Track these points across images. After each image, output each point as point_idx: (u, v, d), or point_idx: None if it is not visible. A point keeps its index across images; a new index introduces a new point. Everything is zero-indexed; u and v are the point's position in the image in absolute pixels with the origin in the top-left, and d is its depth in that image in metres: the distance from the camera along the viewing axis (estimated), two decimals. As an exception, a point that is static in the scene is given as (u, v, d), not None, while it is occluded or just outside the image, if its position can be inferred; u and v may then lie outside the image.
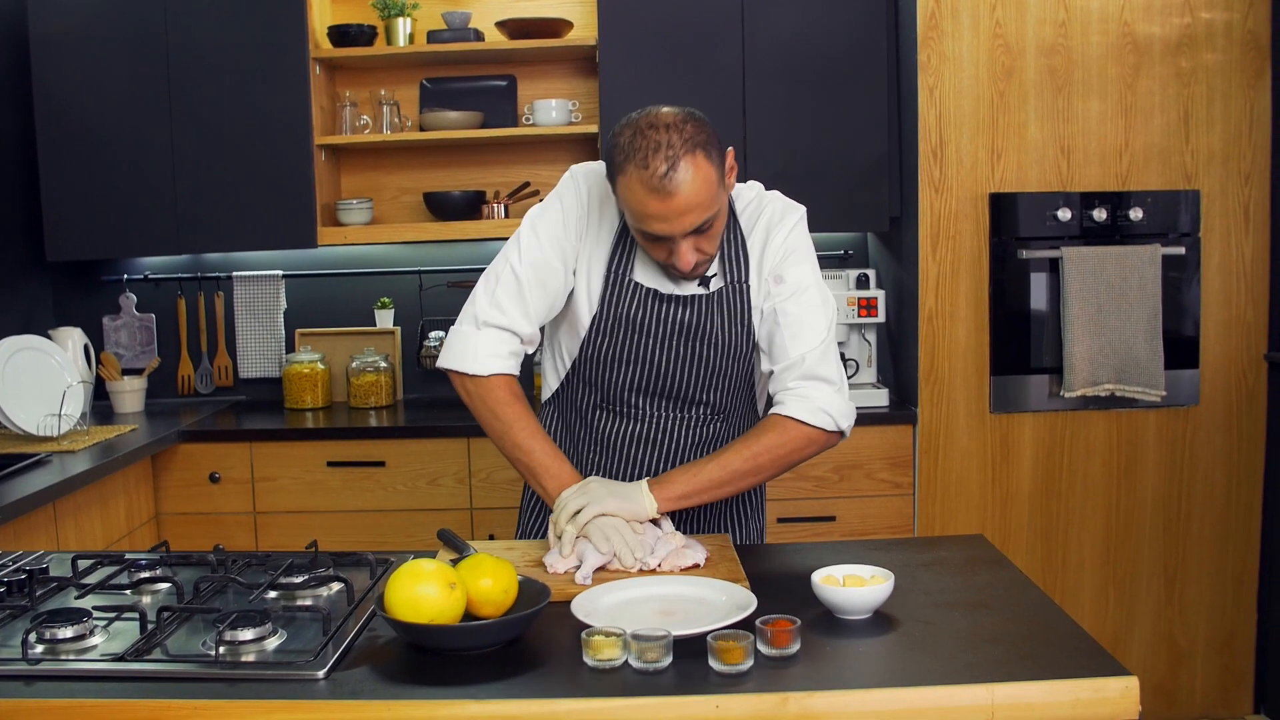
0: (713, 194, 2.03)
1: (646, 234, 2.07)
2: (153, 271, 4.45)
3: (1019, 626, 1.75)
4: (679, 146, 1.98)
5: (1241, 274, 3.76)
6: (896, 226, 4.00)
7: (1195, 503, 3.81)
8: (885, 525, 3.81)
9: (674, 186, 1.97)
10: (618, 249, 2.24)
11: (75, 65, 4.00)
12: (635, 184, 1.99)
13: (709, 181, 2.01)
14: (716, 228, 2.11)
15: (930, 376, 3.76)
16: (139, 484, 3.67)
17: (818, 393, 2.17)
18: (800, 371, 2.18)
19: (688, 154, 1.98)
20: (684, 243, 2.06)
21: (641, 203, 2.00)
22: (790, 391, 2.18)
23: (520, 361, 2.27)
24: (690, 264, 2.09)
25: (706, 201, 2.02)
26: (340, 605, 1.87)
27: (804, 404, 2.16)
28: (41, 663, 1.64)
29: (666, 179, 1.96)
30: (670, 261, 2.11)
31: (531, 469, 2.20)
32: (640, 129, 2.01)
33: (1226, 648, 3.86)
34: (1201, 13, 3.67)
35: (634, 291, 2.23)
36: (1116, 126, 3.71)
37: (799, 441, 2.17)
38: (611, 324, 2.24)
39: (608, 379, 2.30)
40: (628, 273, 2.23)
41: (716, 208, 2.06)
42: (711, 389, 2.30)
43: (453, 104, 4.24)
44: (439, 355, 2.35)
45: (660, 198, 1.98)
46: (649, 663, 1.57)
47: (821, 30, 3.90)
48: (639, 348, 2.25)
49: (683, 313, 2.23)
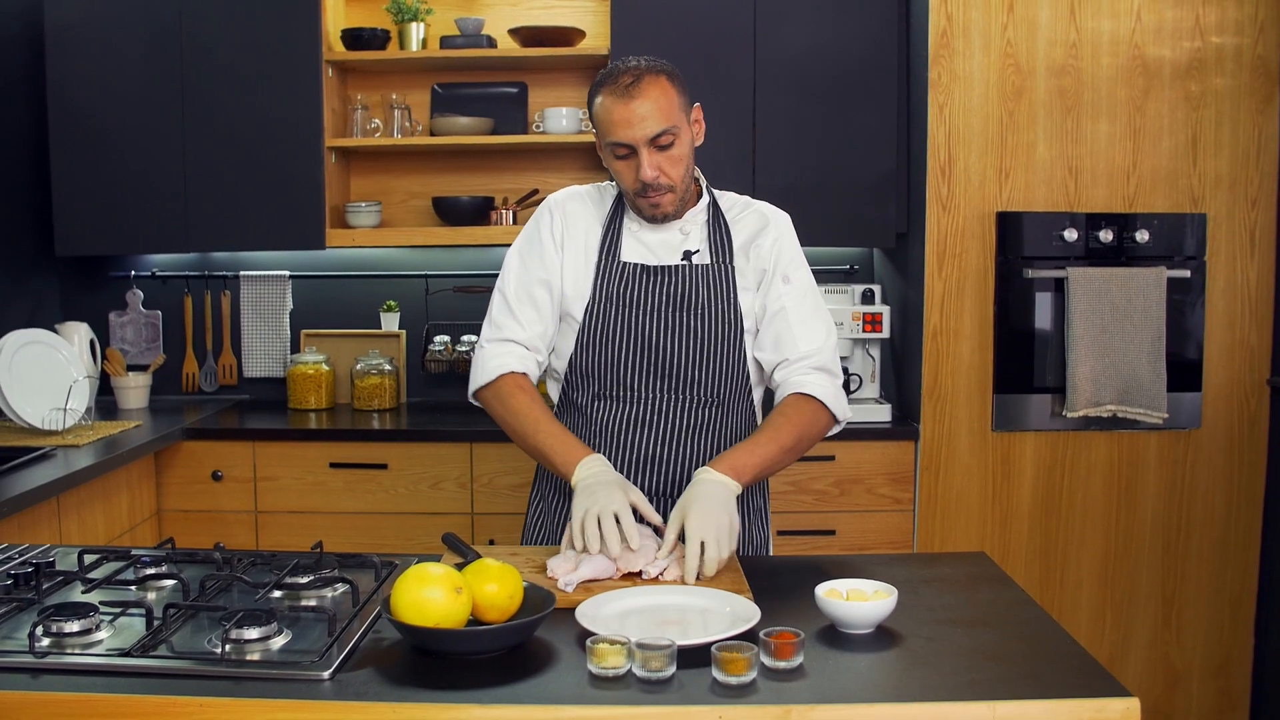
0: (672, 110, 2.26)
1: (615, 146, 2.27)
2: (160, 269, 4.46)
3: (1021, 645, 1.76)
4: (644, 68, 2.27)
5: (1246, 298, 3.77)
6: (903, 243, 4.01)
7: (1195, 526, 3.81)
8: (885, 540, 3.82)
9: (635, 92, 2.23)
10: (607, 237, 2.42)
11: (89, 62, 4.02)
12: (606, 96, 2.26)
13: (669, 97, 2.26)
14: (679, 152, 2.29)
15: (933, 393, 3.77)
16: (142, 480, 3.68)
17: (832, 384, 2.38)
18: (814, 363, 2.37)
19: (650, 73, 2.26)
20: (645, 151, 2.25)
21: (609, 111, 2.25)
22: (808, 379, 2.35)
23: (529, 364, 2.40)
24: (651, 176, 2.27)
25: (665, 112, 2.24)
26: (345, 606, 1.88)
27: (824, 390, 2.35)
28: (48, 656, 1.65)
29: (630, 87, 2.24)
30: (639, 179, 2.28)
31: (541, 451, 2.30)
32: (614, 64, 2.31)
33: (1223, 671, 3.86)
34: (1212, 37, 3.69)
35: (623, 270, 2.39)
36: (1124, 148, 3.72)
37: (822, 423, 2.36)
38: (605, 303, 2.38)
39: (604, 362, 2.39)
40: (617, 256, 2.40)
41: (678, 126, 2.27)
42: (702, 366, 2.39)
43: (464, 110, 4.26)
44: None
45: (624, 103, 2.23)
46: (653, 671, 1.58)
47: (833, 45, 3.92)
48: (631, 321, 2.37)
49: (669, 283, 2.38)
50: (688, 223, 2.41)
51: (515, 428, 2.34)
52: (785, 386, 2.37)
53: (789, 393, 2.35)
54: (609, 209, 2.45)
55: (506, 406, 2.35)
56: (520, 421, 2.32)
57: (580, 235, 2.43)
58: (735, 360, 2.40)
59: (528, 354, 2.40)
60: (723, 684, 1.57)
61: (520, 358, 2.39)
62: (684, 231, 2.41)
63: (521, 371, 2.38)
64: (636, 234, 2.41)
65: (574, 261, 2.42)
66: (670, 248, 2.41)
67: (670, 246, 2.41)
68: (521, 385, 2.36)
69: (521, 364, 2.38)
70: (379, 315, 4.43)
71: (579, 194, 2.49)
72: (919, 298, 3.81)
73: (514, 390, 2.35)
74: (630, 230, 2.42)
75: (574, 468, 2.22)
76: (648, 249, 2.41)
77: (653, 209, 2.33)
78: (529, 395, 2.35)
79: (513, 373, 2.37)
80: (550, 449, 2.28)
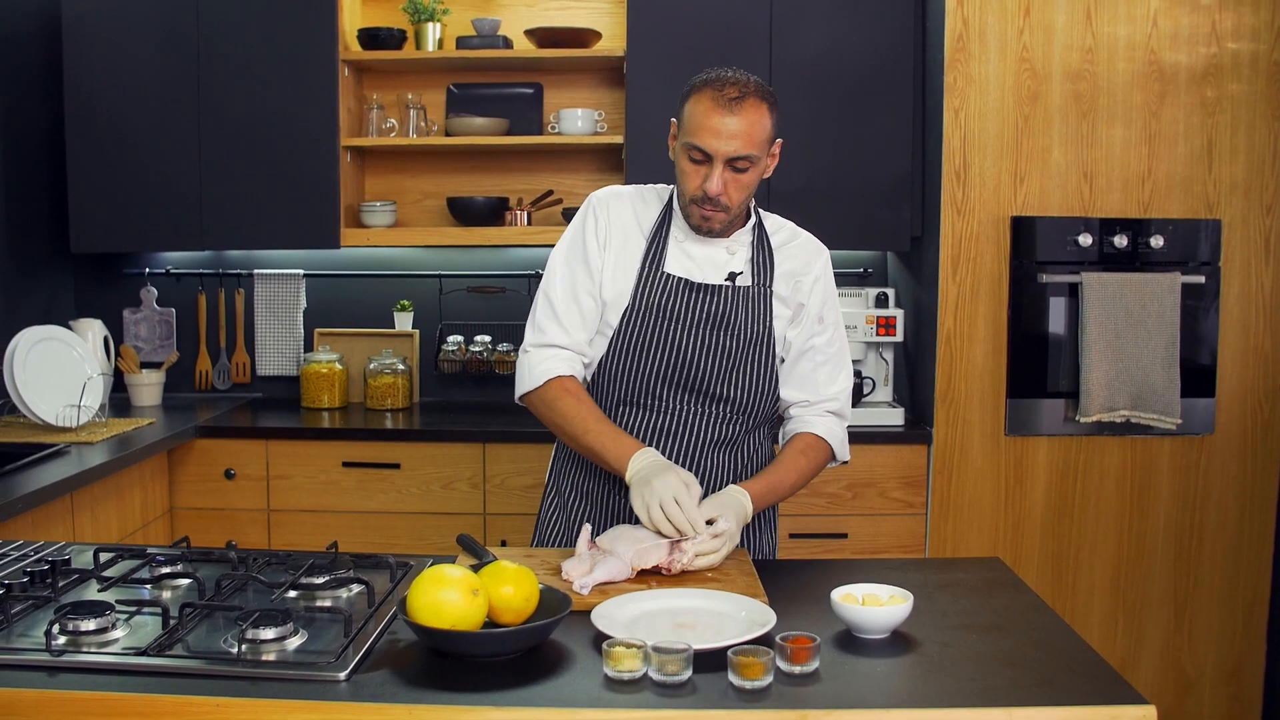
0: (763, 140, 2.24)
1: (694, 150, 2.24)
2: (174, 266, 4.47)
3: (1036, 651, 1.76)
4: (752, 87, 2.24)
5: (1260, 304, 3.76)
6: (917, 246, 4.01)
7: (1207, 532, 3.80)
8: (897, 544, 3.81)
9: (737, 108, 2.20)
10: (652, 245, 2.40)
11: (105, 60, 4.03)
12: (705, 98, 2.22)
13: (764, 126, 2.24)
14: (749, 179, 2.28)
15: (946, 397, 3.76)
16: (155, 478, 3.69)
17: (841, 427, 2.49)
18: (833, 407, 2.46)
19: (757, 95, 2.23)
20: (719, 167, 2.24)
21: (705, 114, 2.22)
22: (820, 421, 2.45)
23: (575, 367, 2.42)
24: (718, 190, 2.25)
25: (756, 139, 2.23)
26: (361, 607, 1.88)
27: (833, 434, 2.46)
28: (64, 654, 1.66)
29: (735, 101, 2.20)
30: (702, 189, 2.26)
31: (593, 450, 2.32)
32: (722, 70, 2.27)
33: (1235, 678, 3.85)
34: (1228, 43, 3.68)
35: (665, 282, 2.38)
36: (1140, 154, 3.71)
37: (823, 462, 2.48)
38: (644, 313, 2.37)
39: (635, 370, 2.40)
40: (660, 266, 2.39)
41: (759, 156, 2.25)
42: (732, 384, 2.40)
43: (479, 110, 4.26)
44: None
45: (723, 113, 2.20)
46: (669, 675, 1.58)
47: (848, 48, 3.92)
48: (668, 333, 2.37)
49: (710, 301, 2.37)
50: (734, 242, 2.40)
51: (566, 430, 2.35)
52: (798, 423, 2.47)
53: (801, 430, 2.46)
54: (657, 216, 2.43)
55: (555, 410, 2.36)
56: (570, 424, 2.33)
57: (620, 238, 2.41)
58: (766, 381, 2.42)
59: (574, 357, 2.41)
60: (738, 688, 1.57)
61: (566, 360, 2.40)
62: (730, 251, 2.40)
63: (569, 374, 2.39)
64: (682, 245, 2.40)
65: (614, 265, 2.40)
66: (715, 265, 2.40)
67: (715, 264, 2.40)
68: (569, 389, 2.37)
69: (568, 367, 2.39)
70: (393, 315, 4.43)
71: (623, 194, 2.47)
72: (933, 301, 3.80)
73: (561, 394, 2.36)
74: (676, 240, 2.40)
75: (627, 461, 2.24)
76: (694, 263, 2.39)
77: (703, 220, 2.31)
78: (575, 398, 2.35)
79: (559, 377, 2.38)
80: (603, 447, 2.29)
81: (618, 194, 2.47)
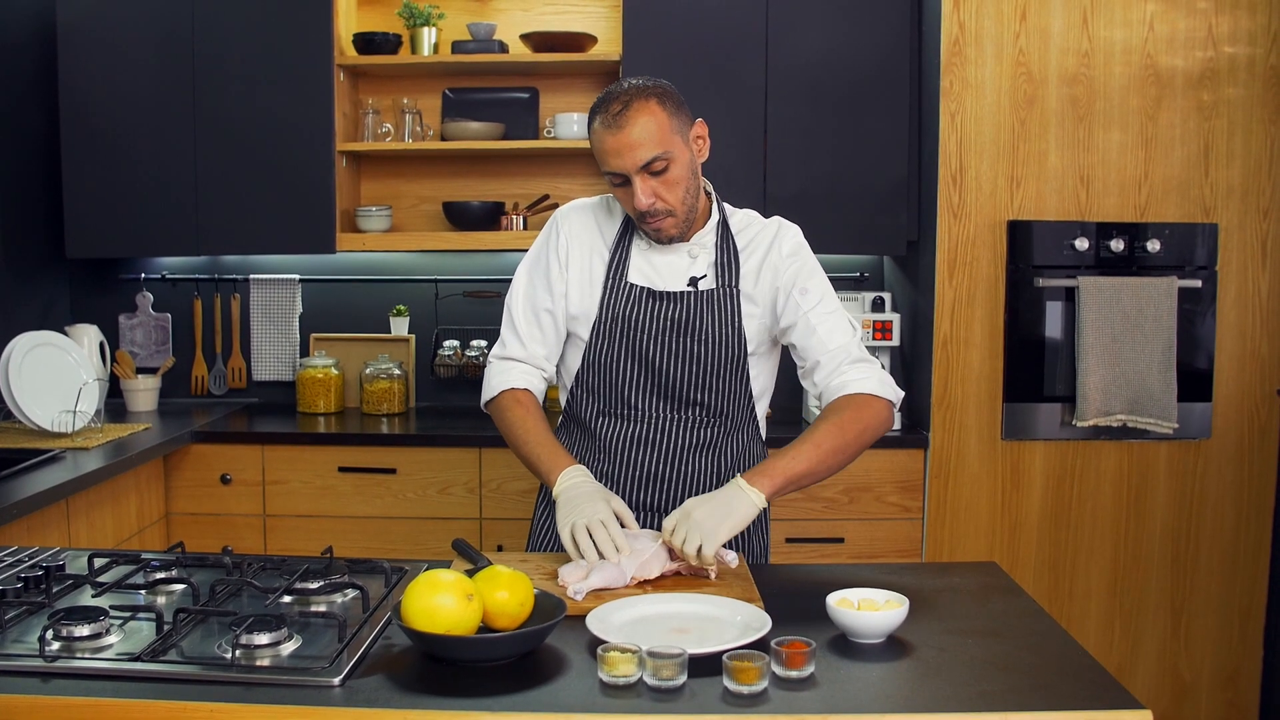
0: (666, 134, 2.24)
1: (611, 175, 2.27)
2: (170, 272, 4.47)
3: (1033, 656, 1.75)
4: (633, 93, 2.24)
5: (1257, 309, 3.76)
6: (914, 251, 4.01)
7: (1204, 536, 3.80)
8: (893, 549, 3.81)
9: (624, 121, 2.21)
10: (615, 256, 2.43)
11: (101, 65, 4.03)
12: (597, 125, 2.25)
13: (659, 122, 2.23)
14: (675, 175, 2.26)
15: (943, 401, 3.76)
16: (150, 483, 3.68)
17: (872, 370, 2.33)
18: (848, 357, 2.33)
19: (639, 98, 2.23)
20: (638, 179, 2.24)
21: (601, 139, 2.25)
22: (846, 374, 2.31)
23: (532, 379, 2.47)
24: (646, 204, 2.25)
25: (657, 137, 2.22)
26: (355, 612, 1.88)
27: (867, 381, 2.30)
28: (58, 660, 1.65)
29: (620, 115, 2.22)
30: (634, 207, 2.28)
31: (529, 460, 2.37)
32: (608, 89, 2.29)
33: (1231, 683, 3.85)
34: (1225, 47, 3.68)
35: (629, 292, 2.40)
36: (1136, 158, 3.71)
37: (874, 414, 2.28)
38: (611, 325, 2.40)
39: (609, 381, 2.42)
40: (624, 276, 2.41)
41: (670, 150, 2.24)
42: (705, 389, 2.40)
43: (475, 114, 4.26)
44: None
45: (614, 132, 2.22)
46: (664, 680, 1.58)
47: (845, 53, 3.92)
48: (636, 343, 2.39)
49: (674, 309, 2.38)
50: (695, 245, 2.40)
51: (510, 440, 2.42)
52: (828, 392, 2.33)
53: (832, 397, 2.31)
54: (619, 225, 2.45)
55: (503, 420, 2.43)
56: (514, 434, 2.40)
57: (585, 252, 2.45)
58: (738, 382, 2.43)
59: (531, 370, 2.47)
60: (734, 693, 1.57)
61: (524, 373, 2.46)
62: (692, 255, 2.40)
63: (523, 387, 2.45)
64: (645, 254, 2.42)
65: (578, 280, 2.44)
66: (676, 271, 2.40)
67: (676, 270, 2.40)
68: (519, 399, 2.43)
69: (524, 380, 2.46)
70: (389, 319, 4.43)
71: (587, 207, 2.50)
72: (929, 306, 3.80)
73: (511, 404, 2.43)
74: (639, 249, 2.42)
75: (557, 476, 2.27)
76: (655, 271, 2.41)
77: (655, 233, 2.34)
78: (524, 408, 2.41)
79: (513, 389, 2.44)
80: (537, 458, 2.34)
81: (581, 207, 2.51)
